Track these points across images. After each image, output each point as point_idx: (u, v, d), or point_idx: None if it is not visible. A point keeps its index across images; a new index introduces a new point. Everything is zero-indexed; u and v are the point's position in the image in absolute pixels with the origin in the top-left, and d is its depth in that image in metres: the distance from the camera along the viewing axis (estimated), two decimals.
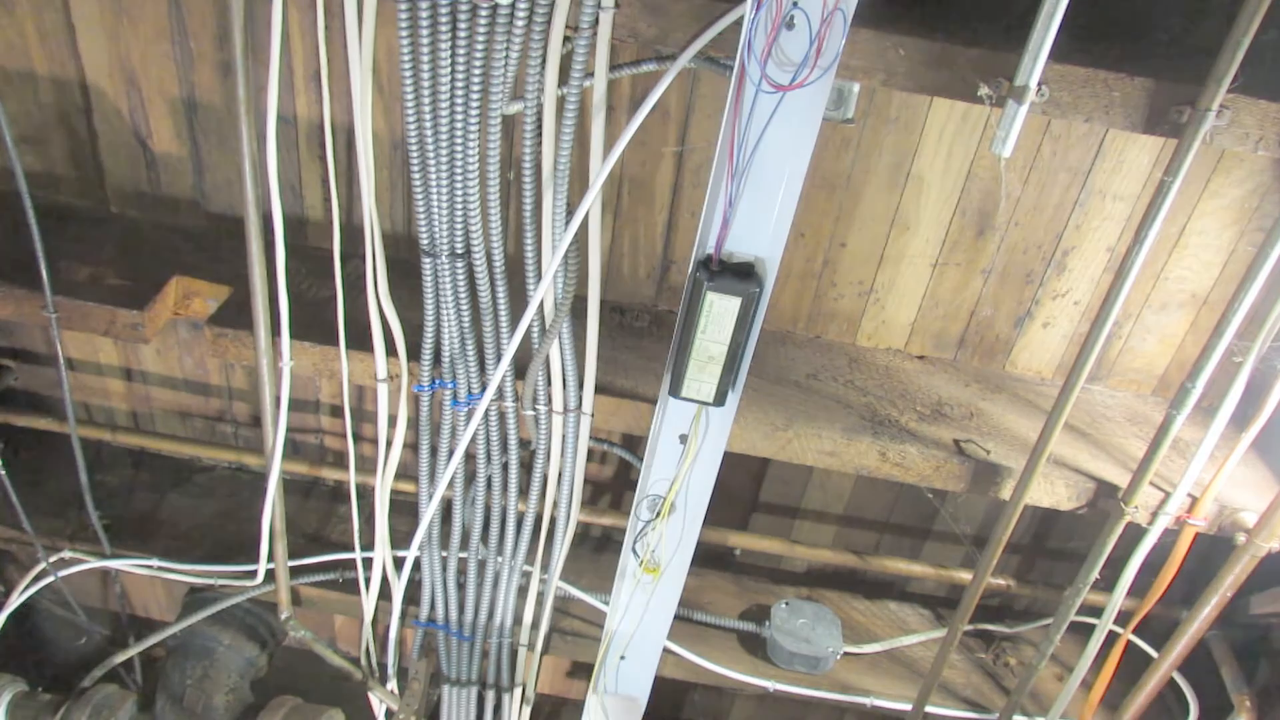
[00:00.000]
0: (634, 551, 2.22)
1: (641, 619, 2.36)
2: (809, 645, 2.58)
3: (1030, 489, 2.00)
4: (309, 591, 2.64)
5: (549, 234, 1.83)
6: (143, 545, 2.69)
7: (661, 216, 2.26)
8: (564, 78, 1.66)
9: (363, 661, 2.64)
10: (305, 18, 2.06)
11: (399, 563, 2.45)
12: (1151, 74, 1.55)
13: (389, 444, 2.22)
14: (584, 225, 1.78)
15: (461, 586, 2.51)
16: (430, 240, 1.89)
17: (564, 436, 2.14)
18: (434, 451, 2.24)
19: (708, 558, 2.87)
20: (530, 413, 2.11)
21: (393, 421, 2.18)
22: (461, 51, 1.63)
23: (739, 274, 1.72)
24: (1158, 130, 1.59)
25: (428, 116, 1.71)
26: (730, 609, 2.78)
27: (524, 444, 2.24)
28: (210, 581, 2.62)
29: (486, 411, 2.12)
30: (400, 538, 2.47)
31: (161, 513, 2.83)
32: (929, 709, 2.56)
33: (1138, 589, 2.18)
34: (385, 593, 2.51)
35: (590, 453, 2.22)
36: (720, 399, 1.89)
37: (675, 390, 1.87)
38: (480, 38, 1.60)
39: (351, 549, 2.48)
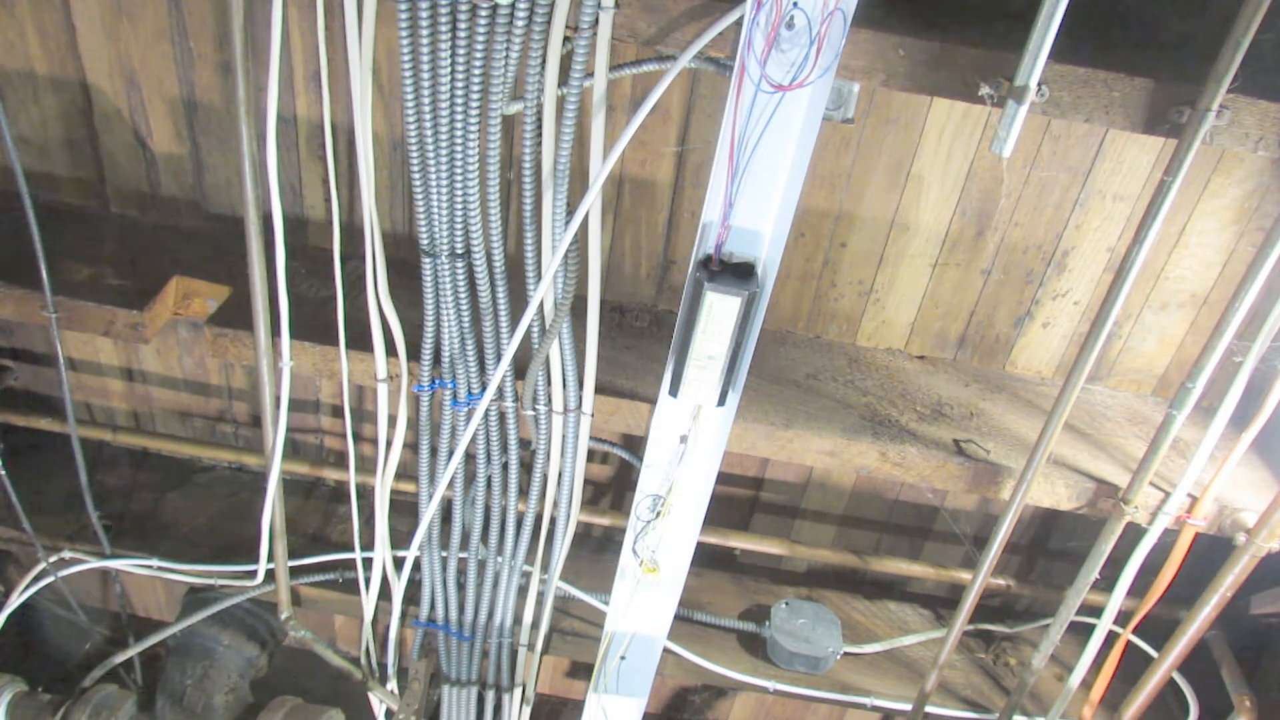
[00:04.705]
0: (634, 551, 2.22)
1: (641, 619, 2.36)
2: (809, 645, 2.58)
3: (1030, 489, 2.00)
4: (309, 591, 2.64)
5: (549, 234, 1.83)
6: (143, 545, 2.69)
7: (662, 216, 2.26)
8: (564, 78, 1.66)
9: (363, 661, 2.64)
10: (305, 18, 2.06)
11: (399, 563, 2.45)
12: (1151, 74, 1.56)
13: (389, 444, 2.22)
14: (584, 225, 1.78)
15: (461, 587, 2.50)
16: (430, 240, 1.89)
17: (564, 436, 2.14)
18: (434, 451, 2.24)
19: (708, 558, 2.87)
20: (530, 413, 2.11)
21: (393, 421, 2.18)
22: (461, 51, 1.63)
23: (739, 274, 1.72)
24: (1158, 130, 1.59)
25: (428, 116, 1.72)
26: (730, 609, 2.78)
27: (524, 444, 2.24)
28: (210, 581, 2.62)
29: (486, 411, 2.12)
30: (400, 538, 2.47)
31: (161, 513, 2.83)
32: (929, 709, 2.56)
33: (1138, 589, 2.18)
34: (385, 593, 2.51)
35: (590, 453, 2.22)
36: (721, 399, 1.89)
37: (675, 390, 1.87)
38: (480, 38, 1.61)
39: (351, 549, 2.48)
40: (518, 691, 2.70)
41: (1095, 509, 2.12)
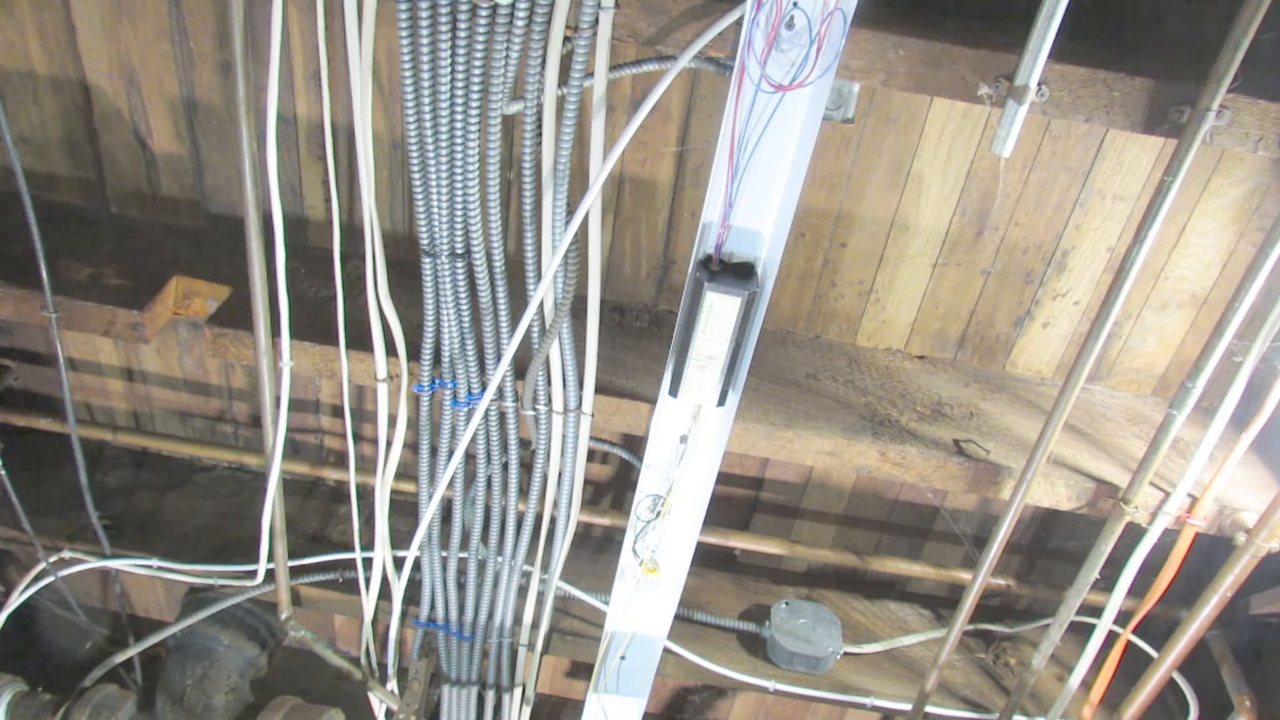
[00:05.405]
0: (634, 551, 2.22)
1: (641, 619, 2.36)
2: (809, 645, 2.58)
3: (1030, 489, 2.00)
4: (309, 591, 2.64)
5: (549, 234, 1.83)
6: (143, 545, 2.69)
7: (662, 216, 2.26)
8: (564, 78, 1.66)
9: (363, 661, 2.64)
10: (305, 18, 2.06)
11: (399, 563, 2.45)
12: (1151, 74, 1.56)
13: (389, 444, 2.22)
14: (584, 225, 1.78)
15: (461, 586, 2.50)
16: (430, 240, 1.89)
17: (564, 436, 2.14)
18: (434, 451, 2.24)
19: (708, 558, 2.87)
20: (530, 413, 2.11)
21: (393, 421, 2.18)
22: (461, 51, 1.63)
23: (739, 274, 1.72)
24: (1158, 130, 1.59)
25: (428, 116, 1.71)
26: (730, 609, 2.78)
27: (524, 444, 2.24)
28: (210, 581, 2.62)
29: (486, 411, 2.12)
30: (400, 538, 2.47)
31: (162, 513, 2.83)
32: (929, 709, 2.56)
33: (1138, 589, 2.18)
34: (385, 593, 2.51)
35: (590, 453, 2.22)
36: (721, 399, 1.89)
37: (675, 390, 1.87)
38: (480, 38, 1.61)
39: (352, 549, 2.48)
40: (518, 691, 2.70)
41: (1095, 509, 2.12)
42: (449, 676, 2.70)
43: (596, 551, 2.86)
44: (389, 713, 2.74)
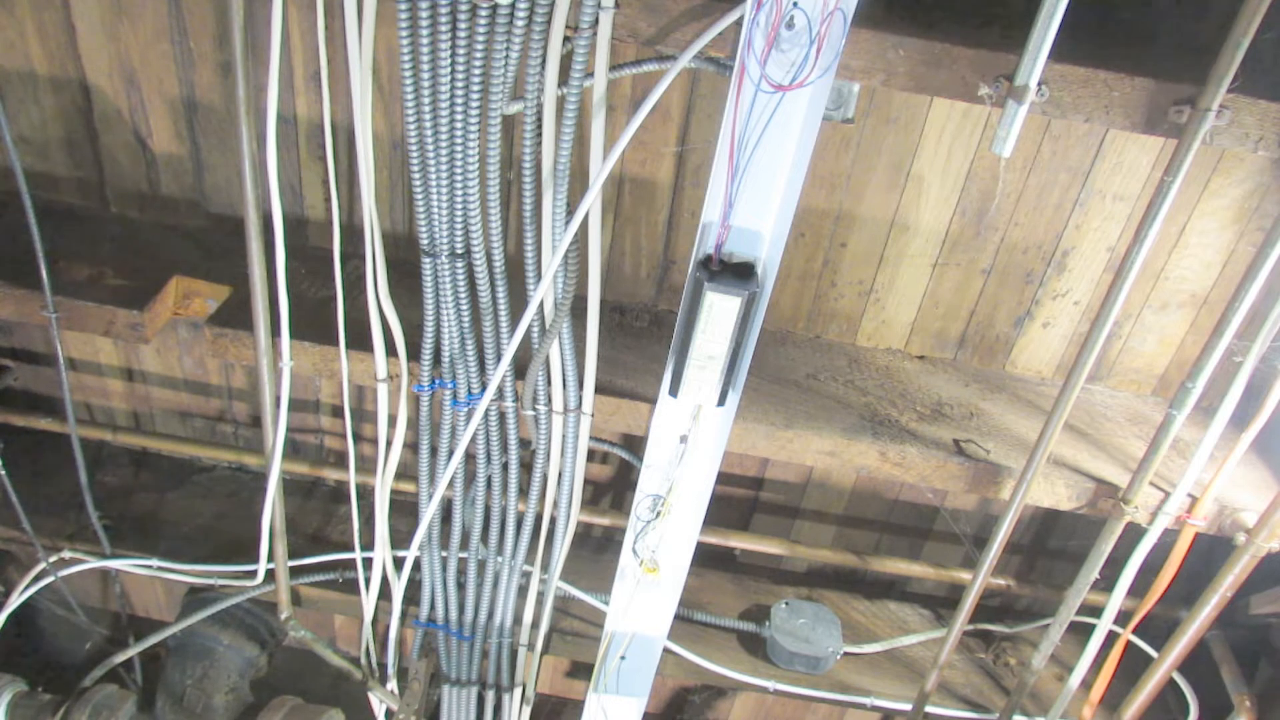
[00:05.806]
0: (634, 551, 2.22)
1: (641, 619, 2.36)
2: (809, 645, 2.58)
3: (1030, 489, 2.00)
4: (309, 591, 2.64)
5: (549, 234, 1.83)
6: (143, 545, 2.69)
7: (662, 216, 2.26)
8: (564, 78, 1.66)
9: (363, 661, 2.64)
10: (305, 18, 2.06)
11: (399, 563, 2.45)
12: (1151, 74, 1.56)
13: (389, 444, 2.22)
14: (584, 225, 1.78)
15: (461, 586, 2.51)
16: (430, 240, 1.89)
17: (564, 436, 2.14)
18: (434, 451, 2.24)
19: (708, 558, 2.87)
20: (530, 413, 2.11)
21: (393, 421, 2.18)
22: (461, 51, 1.63)
23: (739, 274, 1.72)
24: (1158, 130, 1.59)
25: (428, 116, 1.72)
26: (730, 609, 2.78)
27: (524, 444, 2.24)
28: (210, 581, 2.62)
29: (486, 411, 2.12)
30: (400, 538, 2.47)
31: (162, 513, 2.83)
32: (929, 709, 2.56)
33: (1138, 589, 2.18)
34: (385, 593, 2.51)
35: (590, 453, 2.22)
36: (721, 399, 1.89)
37: (675, 390, 1.87)
38: (480, 38, 1.61)
39: (351, 549, 2.48)
40: (518, 691, 2.70)
41: (1095, 509, 2.12)
42: (449, 676, 2.70)
43: (596, 551, 2.86)
44: (389, 713, 2.74)
